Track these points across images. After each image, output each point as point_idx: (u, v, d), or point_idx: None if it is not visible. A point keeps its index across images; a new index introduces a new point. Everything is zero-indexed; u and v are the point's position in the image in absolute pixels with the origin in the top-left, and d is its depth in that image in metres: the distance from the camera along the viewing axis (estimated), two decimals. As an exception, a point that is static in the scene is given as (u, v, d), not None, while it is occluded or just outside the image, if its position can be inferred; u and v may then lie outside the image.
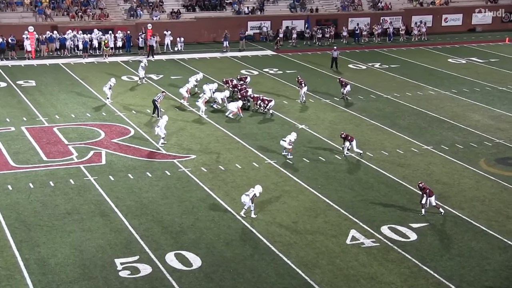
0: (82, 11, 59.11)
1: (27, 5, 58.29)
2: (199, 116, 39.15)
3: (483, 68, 54.27)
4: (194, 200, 28.60)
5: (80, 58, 53.53)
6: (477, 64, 55.91)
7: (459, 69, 53.55)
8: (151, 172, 31.24)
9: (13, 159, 32.39)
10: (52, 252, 23.94)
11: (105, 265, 23.16)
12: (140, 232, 25.47)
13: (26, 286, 21.85)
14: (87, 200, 28.27)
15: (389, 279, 22.86)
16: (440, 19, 69.19)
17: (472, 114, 41.57)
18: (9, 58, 52.47)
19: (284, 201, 28.71)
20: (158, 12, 61.17)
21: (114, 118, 38.79)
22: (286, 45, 60.60)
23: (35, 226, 25.87)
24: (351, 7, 67.22)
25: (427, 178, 31.16)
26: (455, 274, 23.24)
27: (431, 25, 67.80)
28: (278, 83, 48.09)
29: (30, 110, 39.83)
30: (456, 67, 54.50)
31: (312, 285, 22.40)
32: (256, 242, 25.15)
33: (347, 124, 38.77)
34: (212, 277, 22.71)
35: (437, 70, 53.12)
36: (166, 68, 51.10)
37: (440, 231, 26.40)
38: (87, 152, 33.49)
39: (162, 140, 34.37)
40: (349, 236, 25.69)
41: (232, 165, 32.20)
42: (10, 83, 45.99)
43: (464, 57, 58.09)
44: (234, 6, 63.70)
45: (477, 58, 57.86)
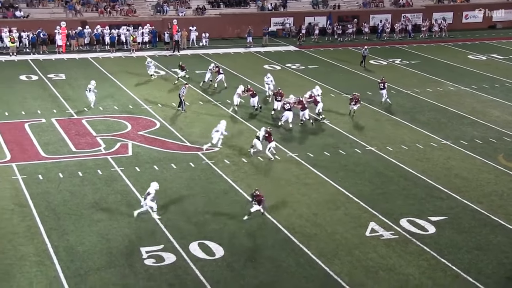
0: (110, 7, 59.39)
1: (58, 1, 58.68)
2: (223, 110, 39.22)
3: (503, 65, 53.89)
4: (217, 191, 28.74)
5: (108, 53, 53.81)
6: (497, 60, 55.54)
7: (479, 66, 53.22)
8: (176, 163, 31.40)
9: (43, 150, 32.69)
10: (80, 240, 24.17)
11: (131, 253, 23.35)
12: (164, 222, 25.62)
13: (56, 272, 22.07)
14: (114, 190, 28.50)
15: (407, 271, 22.84)
16: (461, 16, 68.65)
17: (491, 110, 41.33)
18: (40, 52, 52.88)
19: (305, 193, 28.76)
20: (184, 8, 61.31)
21: (141, 111, 39.01)
22: (308, 41, 60.49)
23: (64, 214, 26.13)
24: (373, 4, 66.95)
25: (446, 172, 31.14)
26: (473, 267, 23.18)
27: (452, 22, 67.30)
28: (301, 78, 48.06)
29: (60, 103, 40.15)
30: (476, 63, 54.15)
31: (331, 276, 22.44)
32: (277, 233, 25.22)
33: (368, 119, 38.69)
34: (234, 266, 22.82)
35: (457, 66, 52.84)
36: (191, 63, 51.26)
37: (459, 224, 26.28)
38: (114, 143, 33.73)
39: (220, 143, 33.36)
40: (368, 228, 25.70)
41: (254, 158, 32.28)
42: (42, 76, 46.35)
43: (484, 53, 57.74)
44: (258, 2, 63.67)
45: (497, 54, 57.48)
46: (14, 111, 38.28)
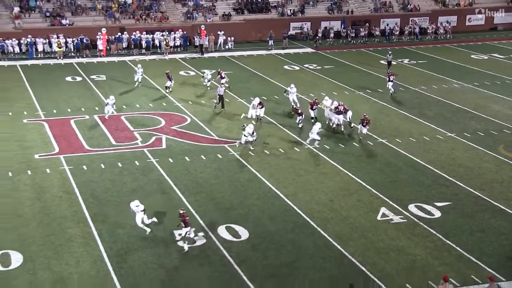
0: (145, 14, 59.57)
1: (99, 10, 58.95)
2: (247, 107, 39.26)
3: (503, 63, 53.33)
4: (243, 180, 28.82)
5: (144, 56, 54.03)
6: (498, 59, 54.98)
7: (481, 64, 52.72)
8: (205, 155, 31.49)
9: (87, 143, 32.93)
10: (121, 223, 24.36)
11: (166, 235, 23.52)
12: (195, 208, 25.76)
13: (99, 252, 22.32)
14: (150, 179, 28.67)
15: (415, 252, 22.83)
16: (464, 19, 68.05)
17: (493, 104, 40.98)
18: (83, 56, 53.22)
19: (322, 181, 28.76)
20: (212, 14, 61.34)
21: (173, 108, 39.14)
22: (324, 44, 60.26)
23: (106, 201, 26.36)
24: (383, 9, 66.57)
25: (451, 162, 30.98)
26: (475, 247, 23.11)
27: (456, 24, 66.74)
28: (317, 77, 47.97)
29: (101, 101, 40.36)
30: (478, 62, 53.66)
31: (346, 256, 22.47)
32: (297, 217, 25.27)
33: (379, 114, 38.52)
34: (257, 248, 22.90)
35: (461, 65, 52.39)
36: (218, 64, 51.33)
37: (462, 209, 26.18)
38: (150, 137, 33.88)
39: (316, 143, 32.70)
40: (379, 213, 25.67)
41: (276, 150, 32.31)
42: (85, 77, 46.63)
43: (486, 53, 57.17)
44: (278, 9, 63.58)
45: (498, 54, 56.89)
46: (61, 109, 38.57)
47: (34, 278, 20.80)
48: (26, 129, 35.01)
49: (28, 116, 37.23)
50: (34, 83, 44.38)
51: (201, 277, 21.05)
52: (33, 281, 20.66)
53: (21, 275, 20.94)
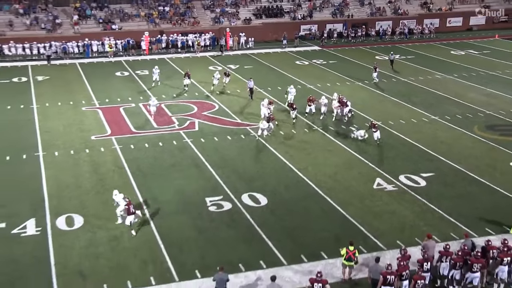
0: (181, 19, 59.38)
1: (142, 17, 58.87)
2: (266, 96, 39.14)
3: (478, 58, 52.52)
4: (262, 156, 28.78)
5: (179, 54, 53.95)
6: (474, 55, 54.16)
7: (459, 59, 52.01)
8: (231, 136, 31.46)
9: (134, 127, 33.04)
10: (161, 192, 24.50)
11: (199, 202, 23.60)
12: (223, 179, 25.81)
13: (145, 216, 22.44)
14: (186, 156, 28.72)
15: (404, 214, 22.82)
16: (445, 21, 67.19)
17: (468, 93, 40.45)
18: (130, 55, 53.26)
19: (327, 157, 28.65)
20: (235, 19, 61.01)
21: (204, 97, 39.06)
22: (329, 42, 59.69)
23: (149, 174, 26.47)
24: (378, 13, 65.84)
25: (434, 140, 30.75)
26: (454, 210, 23.05)
27: (438, 26, 65.92)
28: (323, 70, 47.63)
29: (145, 92, 40.46)
30: (457, 57, 52.95)
31: (348, 218, 22.48)
32: (307, 187, 25.24)
33: (374, 100, 38.27)
34: (275, 212, 22.94)
35: (443, 59, 51.71)
36: (241, 60, 51.16)
37: (443, 179, 26.03)
38: (185, 121, 33.89)
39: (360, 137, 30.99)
40: (375, 183, 25.60)
41: (289, 131, 32.20)
42: (131, 72, 46.70)
43: (463, 49, 56.36)
44: (291, 14, 63.14)
45: (473, 50, 56.02)
46: (112, 99, 38.69)
47: (93, 236, 21.02)
48: (84, 115, 35.19)
49: (85, 104, 37.40)
50: (90, 77, 44.54)
51: (228, 236, 21.14)
52: (92, 239, 20.88)
53: (82, 234, 21.18)
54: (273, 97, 38.32)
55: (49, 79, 43.86)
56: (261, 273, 18.92)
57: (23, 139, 30.79)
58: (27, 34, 53.56)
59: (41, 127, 32.65)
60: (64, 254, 19.85)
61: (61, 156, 28.48)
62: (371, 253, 19.89)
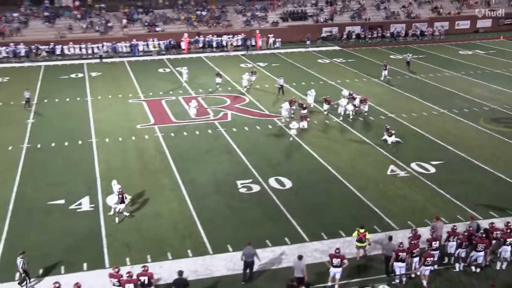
0: (216, 22, 59.25)
1: (182, 20, 58.91)
2: (292, 92, 38.82)
3: (484, 57, 51.22)
4: (286, 144, 28.58)
5: (214, 53, 53.86)
6: (480, 54, 52.83)
7: (467, 58, 50.78)
8: (259, 126, 31.32)
9: (174, 117, 33.11)
10: (198, 175, 24.55)
11: (231, 184, 23.60)
12: (252, 164, 25.74)
13: (183, 194, 22.63)
14: (219, 143, 28.70)
15: (415, 198, 22.46)
16: (454, 24, 65.67)
17: (475, 89, 39.50)
18: (171, 54, 53.38)
19: (346, 145, 28.34)
20: (264, 22, 60.61)
21: (235, 91, 38.94)
22: (348, 43, 58.89)
23: (187, 159, 26.53)
24: (392, 17, 64.69)
25: (443, 131, 30.16)
26: (461, 195, 22.61)
27: (448, 28, 64.48)
28: (343, 68, 47.05)
29: (184, 86, 40.56)
30: (464, 56, 51.72)
31: (364, 201, 22.24)
32: (327, 172, 25.02)
33: (388, 96, 37.66)
34: (298, 194, 22.82)
35: (451, 59, 50.56)
36: (269, 59, 50.84)
37: (451, 166, 25.53)
38: (219, 112, 33.84)
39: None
40: (389, 169, 25.24)
41: (311, 123, 31.88)
42: (172, 69, 46.78)
43: (471, 50, 55.06)
44: (314, 17, 62.47)
45: (480, 50, 54.66)
46: (155, 92, 38.83)
47: (138, 213, 21.20)
48: (131, 107, 35.43)
49: (132, 97, 37.65)
50: (136, 73, 44.80)
51: (256, 215, 21.11)
52: (137, 215, 21.07)
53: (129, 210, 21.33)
54: (296, 91, 38.08)
55: (101, 75, 44.27)
56: (286, 248, 18.84)
57: (79, 127, 31.19)
58: (84, 36, 54.12)
59: (94, 117, 33.00)
60: (114, 228, 20.07)
61: (111, 142, 28.75)
62: (385, 232, 19.62)
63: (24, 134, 29.97)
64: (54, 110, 34.46)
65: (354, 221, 20.30)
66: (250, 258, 17.04)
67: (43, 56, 50.25)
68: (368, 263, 18.09)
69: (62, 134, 29.93)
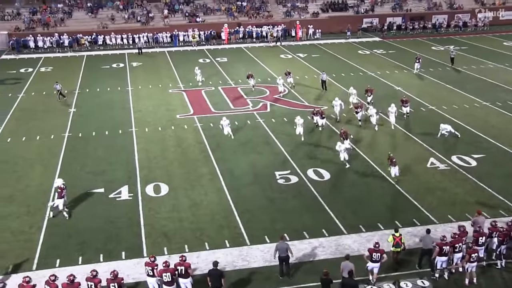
0: (256, 13, 59.06)
1: (222, 11, 59.01)
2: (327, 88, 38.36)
3: (530, 48, 49.49)
4: (324, 136, 28.26)
5: (254, 44, 53.71)
6: (526, 45, 51.03)
7: (510, 50, 48.94)
8: (298, 117, 31.07)
9: (213, 107, 33.24)
10: (236, 165, 24.56)
11: (269, 175, 23.50)
12: (291, 155, 25.58)
13: (221, 184, 22.68)
14: (258, 134, 28.62)
15: (456, 191, 21.87)
16: (498, 15, 63.36)
17: (520, 80, 38.24)
18: (211, 44, 53.57)
19: (385, 139, 27.80)
20: (304, 13, 60.06)
21: (275, 82, 38.63)
22: (389, 34, 57.77)
23: (226, 149, 26.57)
24: (434, 8, 62.98)
25: (485, 124, 29.23)
26: (502, 189, 21.89)
27: (491, 19, 62.28)
28: (383, 59, 46.15)
29: (223, 77, 40.62)
30: (508, 48, 49.89)
31: (403, 193, 21.79)
32: (367, 164, 24.62)
33: (429, 88, 36.70)
34: (337, 186, 22.54)
35: (495, 50, 48.88)
36: (309, 49, 50.36)
37: (493, 160, 24.74)
38: (258, 103, 33.77)
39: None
40: (429, 162, 24.65)
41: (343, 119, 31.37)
42: (212, 59, 46.95)
43: (517, 40, 53.21)
44: (354, 8, 61.48)
45: (526, 41, 52.81)
46: (195, 83, 39.02)
47: (177, 202, 21.38)
48: (171, 97, 35.74)
49: (172, 87, 37.96)
50: (177, 64, 45.16)
51: (294, 206, 20.97)
52: (176, 204, 21.25)
53: (168, 200, 21.58)
54: (336, 83, 37.55)
55: (142, 65, 44.82)
56: (323, 240, 18.65)
57: (119, 116, 31.66)
58: (126, 26, 54.93)
59: (134, 107, 33.44)
60: (152, 217, 20.30)
61: (151, 132, 29.06)
62: (424, 226, 19.14)
63: (66, 123, 30.63)
64: (95, 100, 35.10)
65: (392, 214, 19.93)
66: (284, 253, 16.73)
67: (85, 46, 51.28)
68: (404, 257, 17.70)
69: (103, 123, 30.45)
